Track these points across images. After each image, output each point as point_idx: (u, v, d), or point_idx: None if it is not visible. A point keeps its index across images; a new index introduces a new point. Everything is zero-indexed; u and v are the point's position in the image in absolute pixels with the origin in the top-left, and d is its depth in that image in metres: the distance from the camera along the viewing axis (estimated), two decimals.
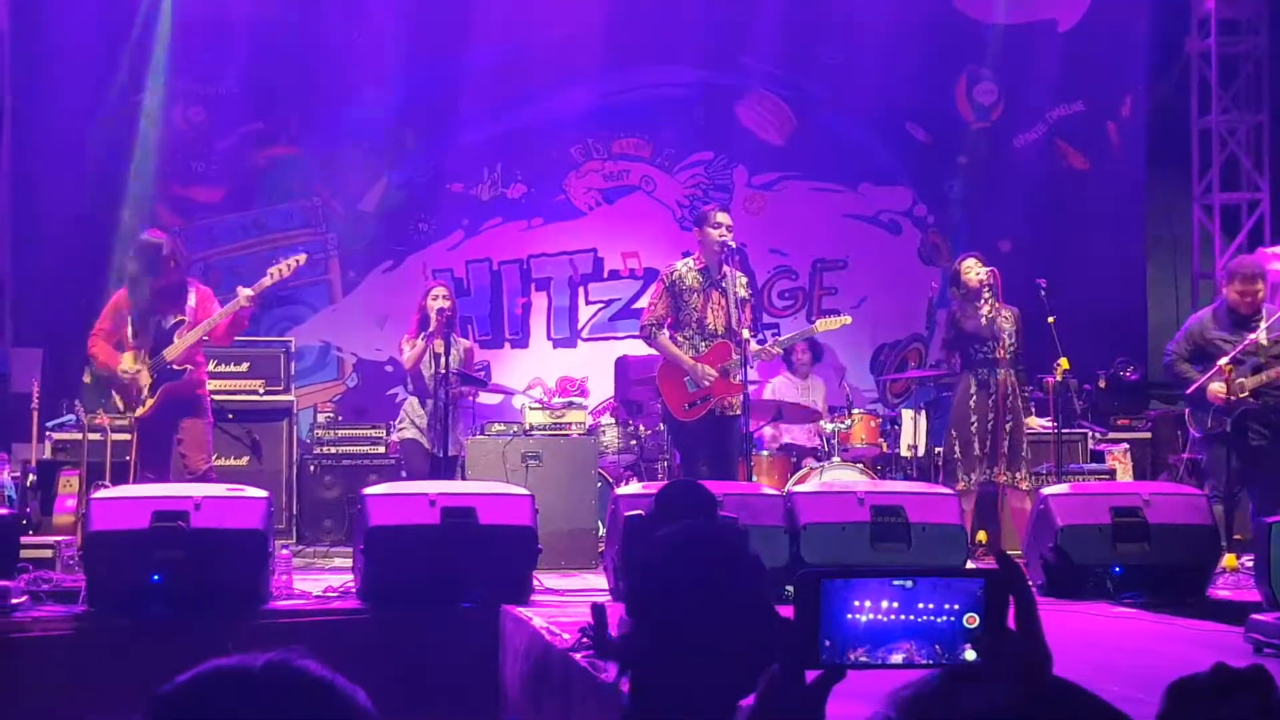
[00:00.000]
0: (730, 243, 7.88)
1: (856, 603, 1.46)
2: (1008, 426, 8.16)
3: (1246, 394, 7.81)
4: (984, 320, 8.18)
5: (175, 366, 7.51)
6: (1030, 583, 5.47)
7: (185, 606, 6.11)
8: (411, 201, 11.67)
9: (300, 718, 1.33)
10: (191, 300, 7.61)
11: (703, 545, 2.21)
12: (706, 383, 7.78)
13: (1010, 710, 1.32)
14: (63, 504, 8.30)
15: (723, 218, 7.97)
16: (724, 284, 7.86)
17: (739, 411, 7.87)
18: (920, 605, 1.48)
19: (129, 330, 7.56)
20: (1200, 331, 8.03)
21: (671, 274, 7.98)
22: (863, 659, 1.48)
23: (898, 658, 1.48)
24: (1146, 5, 12.20)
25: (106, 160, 11.01)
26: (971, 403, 8.19)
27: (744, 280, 8.08)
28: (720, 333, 7.86)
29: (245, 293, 7.51)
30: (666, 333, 7.88)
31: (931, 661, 1.47)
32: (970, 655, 1.49)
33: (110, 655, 5.95)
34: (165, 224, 11.01)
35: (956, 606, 1.49)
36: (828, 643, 1.47)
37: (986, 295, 8.21)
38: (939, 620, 1.48)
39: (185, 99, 11.29)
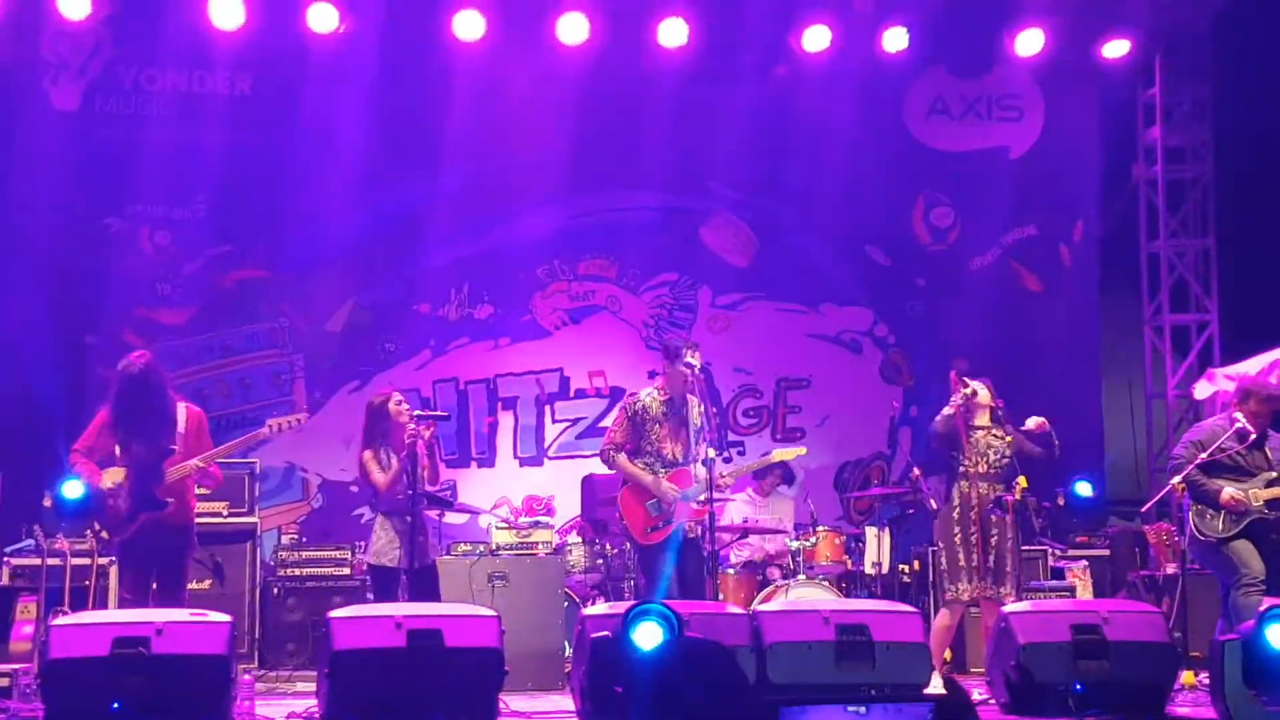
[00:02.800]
0: (691, 385, 8.02)
1: None
2: (993, 541, 8.22)
3: (1260, 504, 8.02)
4: (974, 437, 8.31)
5: (160, 498, 7.43)
6: (992, 701, 5.51)
7: None
8: (378, 322, 11.77)
9: None
10: (181, 425, 7.50)
11: (698, 665, 2.24)
12: (670, 500, 7.93)
13: None
14: (19, 631, 8.22)
15: (695, 359, 8.02)
16: (685, 413, 8.05)
17: (699, 534, 8.01)
18: None
19: (115, 450, 7.51)
20: (1211, 442, 8.20)
21: (635, 403, 8.11)
22: None
23: None
24: (1095, 133, 12.54)
25: (71, 282, 11.07)
26: (955, 515, 8.28)
27: (698, 408, 8.14)
28: (680, 461, 8.04)
29: (225, 449, 7.57)
30: (624, 455, 8.02)
31: None
32: None
33: None
34: (131, 346, 11.08)
35: None
36: None
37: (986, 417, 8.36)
38: None
39: (153, 223, 11.40)
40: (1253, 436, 8.17)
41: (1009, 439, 8.33)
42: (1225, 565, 8.11)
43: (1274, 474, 8.16)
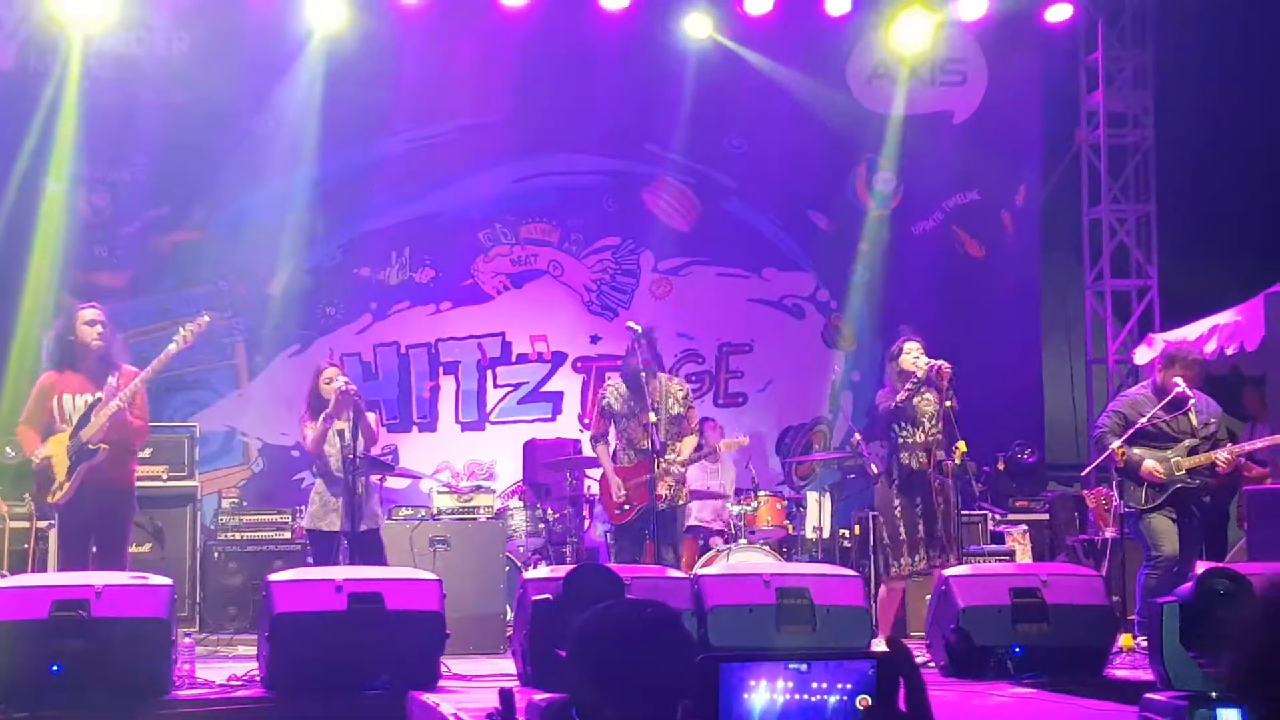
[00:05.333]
0: (657, 376, 8.63)
1: (753, 683, 1.53)
2: (940, 509, 8.25)
3: (1183, 473, 8.06)
4: (894, 405, 8.32)
5: (90, 445, 7.38)
6: (933, 664, 5.55)
7: (86, 697, 5.99)
8: (319, 286, 11.66)
9: None
10: (112, 380, 7.50)
11: (645, 627, 2.24)
12: (619, 495, 8.53)
13: None
14: None
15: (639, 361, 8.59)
16: (655, 405, 8.48)
17: (676, 505, 8.57)
18: (814, 685, 1.55)
19: (56, 415, 7.46)
20: (1136, 410, 8.23)
21: (604, 397, 8.79)
22: None
23: None
24: (1037, 98, 12.61)
25: (7, 246, 10.90)
26: (895, 487, 8.32)
27: (678, 394, 8.70)
28: (646, 448, 8.47)
29: (152, 366, 7.50)
30: (606, 446, 8.75)
31: None
32: None
33: None
34: (67, 308, 10.94)
35: (849, 686, 1.56)
36: None
37: (912, 385, 8.34)
38: (832, 700, 1.55)
39: (90, 185, 11.23)
40: (1191, 403, 8.21)
41: (942, 403, 8.32)
42: (1141, 539, 8.20)
43: (1196, 440, 8.20)
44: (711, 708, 1.55)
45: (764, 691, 1.56)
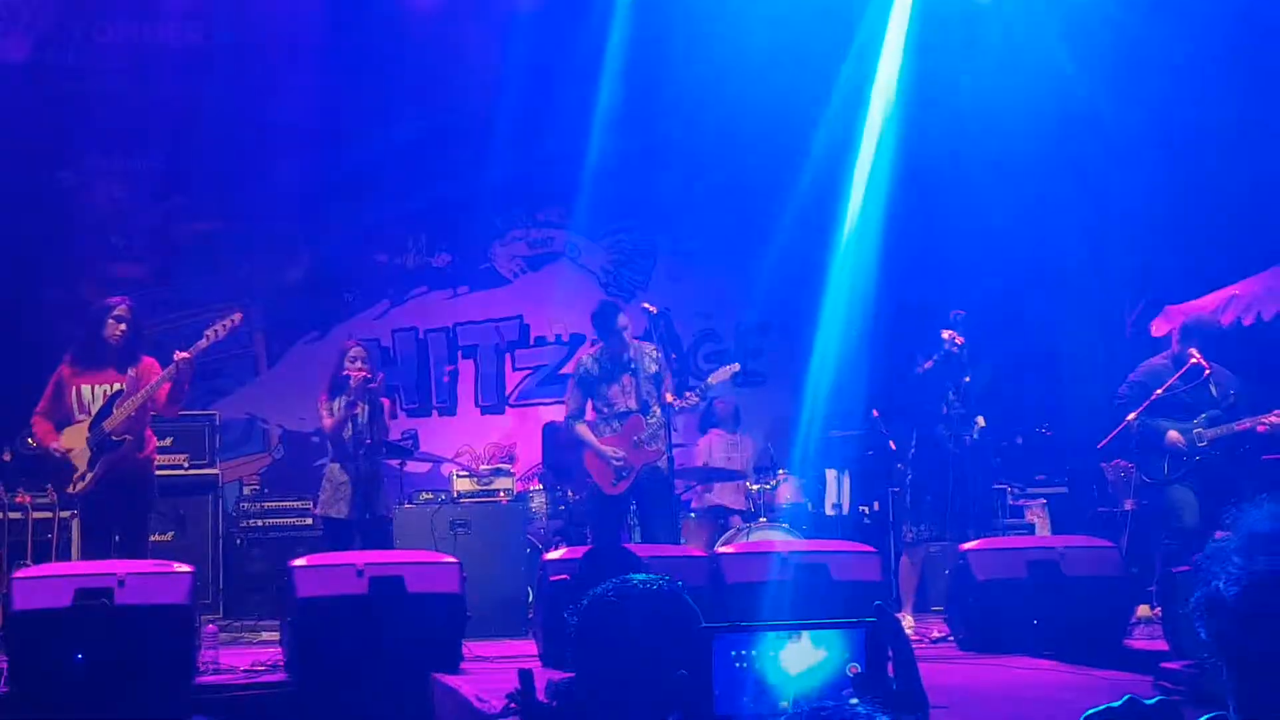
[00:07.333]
0: (632, 341, 8.50)
1: (745, 653, 1.56)
2: (937, 480, 8.25)
3: (1206, 444, 8.04)
4: (919, 371, 8.34)
5: (114, 438, 7.41)
6: (951, 636, 5.55)
7: (110, 685, 6.05)
8: (336, 272, 11.71)
9: None
10: (133, 372, 7.51)
11: (646, 601, 2.26)
12: (618, 462, 8.29)
13: None
14: None
15: (623, 320, 8.49)
16: (632, 366, 8.41)
17: (664, 468, 8.36)
18: (805, 655, 1.57)
19: (74, 406, 7.51)
20: (1156, 381, 8.22)
21: (579, 368, 8.64)
22: (752, 706, 1.57)
23: (785, 704, 1.57)
24: None
25: (27, 239, 10.96)
26: (914, 456, 8.33)
27: (653, 354, 8.57)
28: (632, 409, 8.39)
29: (181, 355, 7.47)
30: (583, 422, 8.49)
31: (816, 707, 1.57)
32: (853, 701, 1.59)
33: None
34: (87, 300, 11.01)
35: (839, 655, 1.59)
36: (719, 692, 1.57)
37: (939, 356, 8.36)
38: (823, 668, 1.57)
39: (107, 176, 11.29)
40: (1207, 373, 8.19)
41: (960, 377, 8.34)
42: (1162, 511, 8.18)
43: (1217, 411, 8.18)
44: (706, 677, 1.58)
45: (757, 661, 1.58)
